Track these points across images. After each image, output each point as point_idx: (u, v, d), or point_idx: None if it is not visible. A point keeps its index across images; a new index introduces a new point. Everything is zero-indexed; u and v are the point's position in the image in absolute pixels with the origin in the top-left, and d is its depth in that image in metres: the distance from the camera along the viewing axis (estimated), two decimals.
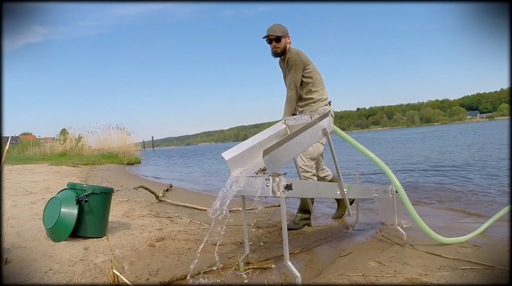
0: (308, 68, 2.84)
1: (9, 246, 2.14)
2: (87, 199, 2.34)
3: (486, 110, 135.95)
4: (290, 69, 2.81)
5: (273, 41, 2.82)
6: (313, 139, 1.95)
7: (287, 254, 1.65)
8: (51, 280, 1.73)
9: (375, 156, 2.27)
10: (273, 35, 2.81)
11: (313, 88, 2.87)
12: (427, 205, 3.74)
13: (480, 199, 3.80)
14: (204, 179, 8.23)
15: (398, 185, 2.26)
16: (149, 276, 1.83)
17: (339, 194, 2.08)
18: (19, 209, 3.45)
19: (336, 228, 2.84)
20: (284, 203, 1.68)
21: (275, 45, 2.83)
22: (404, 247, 2.20)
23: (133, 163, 15.56)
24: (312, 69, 2.87)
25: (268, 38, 2.84)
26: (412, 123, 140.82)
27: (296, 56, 2.79)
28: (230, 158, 1.92)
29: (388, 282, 1.65)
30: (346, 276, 1.74)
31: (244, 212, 2.01)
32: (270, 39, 2.83)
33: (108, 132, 18.85)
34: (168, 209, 3.91)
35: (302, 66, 2.81)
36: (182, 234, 2.63)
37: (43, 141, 20.41)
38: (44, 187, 5.33)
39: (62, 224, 2.27)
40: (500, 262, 1.80)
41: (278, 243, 2.40)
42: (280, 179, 1.62)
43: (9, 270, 1.80)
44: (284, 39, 2.84)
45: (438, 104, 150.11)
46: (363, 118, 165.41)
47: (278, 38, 2.81)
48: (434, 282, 1.61)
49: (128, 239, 2.41)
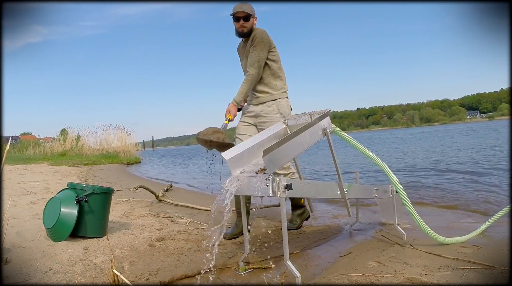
0: (274, 51, 2.63)
1: (9, 246, 2.14)
2: (87, 199, 2.34)
3: (486, 110, 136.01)
4: (255, 46, 2.55)
5: (241, 20, 2.56)
6: (313, 139, 1.95)
7: (287, 254, 1.65)
8: (51, 280, 1.73)
9: (375, 156, 2.27)
10: (242, 13, 2.55)
11: (276, 74, 2.65)
12: (427, 205, 3.74)
13: (480, 198, 3.80)
14: (204, 178, 8.23)
15: (398, 185, 2.26)
16: (149, 276, 1.83)
17: (339, 194, 2.08)
18: (19, 209, 3.45)
19: (336, 228, 2.84)
20: (284, 203, 1.68)
21: (242, 24, 2.57)
22: (404, 247, 2.20)
23: (133, 163, 15.56)
24: (277, 53, 2.65)
25: (235, 16, 2.57)
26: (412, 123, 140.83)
27: (264, 34, 2.57)
28: (230, 157, 1.92)
29: (388, 282, 1.65)
30: (346, 276, 1.74)
31: (244, 212, 2.01)
32: (238, 17, 2.56)
33: (108, 132, 18.86)
34: (168, 209, 3.91)
35: (269, 46, 2.58)
36: (182, 234, 2.63)
37: (43, 141, 20.41)
38: (44, 187, 5.33)
39: (62, 224, 2.28)
40: (500, 262, 1.80)
41: (278, 243, 2.40)
42: (280, 179, 1.62)
43: (9, 270, 1.80)
44: (252, 19, 2.60)
45: (438, 104, 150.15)
46: (363, 118, 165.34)
47: (248, 17, 2.56)
48: (434, 282, 1.61)
49: (128, 239, 2.42)
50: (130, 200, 4.45)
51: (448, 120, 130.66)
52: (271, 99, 2.65)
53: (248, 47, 2.64)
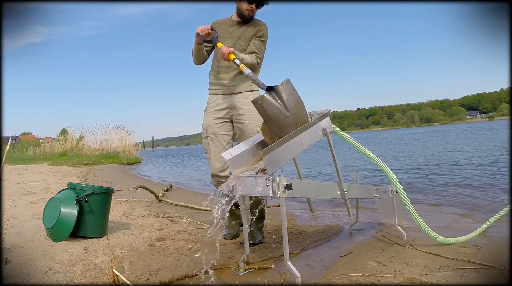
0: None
1: (9, 246, 2.14)
2: (87, 199, 2.34)
3: (486, 110, 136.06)
4: (263, 40, 2.43)
5: (255, 3, 2.37)
6: (313, 139, 1.95)
7: (287, 254, 1.65)
8: (51, 280, 1.73)
9: (375, 156, 2.27)
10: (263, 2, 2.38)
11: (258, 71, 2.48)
12: (427, 205, 3.74)
13: (480, 198, 3.80)
14: (204, 178, 8.23)
15: (398, 185, 2.26)
16: (149, 276, 1.83)
17: (339, 194, 2.08)
18: (19, 209, 3.45)
19: (336, 228, 2.84)
20: (284, 203, 1.68)
21: (253, 9, 2.39)
22: (404, 247, 2.20)
23: (133, 163, 15.56)
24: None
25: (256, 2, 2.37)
26: (412, 123, 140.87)
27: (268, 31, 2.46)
28: (230, 158, 1.92)
29: (388, 282, 1.65)
30: (346, 276, 1.74)
31: (244, 212, 2.01)
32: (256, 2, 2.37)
33: (108, 132, 18.88)
34: (168, 209, 3.91)
35: None
36: (182, 234, 2.63)
37: (43, 141, 20.41)
38: (44, 187, 5.33)
39: (62, 224, 2.28)
40: (500, 262, 1.80)
41: (278, 243, 2.40)
42: (280, 179, 1.63)
43: (9, 270, 1.80)
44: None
45: (438, 104, 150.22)
46: (363, 118, 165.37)
47: (261, 4, 2.40)
48: (434, 282, 1.61)
49: (128, 239, 2.41)
50: (130, 200, 4.45)
51: (448, 120, 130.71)
52: (247, 91, 2.44)
53: (249, 33, 2.44)
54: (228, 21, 2.51)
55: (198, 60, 2.51)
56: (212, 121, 2.45)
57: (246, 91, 2.44)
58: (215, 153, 2.42)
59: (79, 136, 17.71)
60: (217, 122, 2.45)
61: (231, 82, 2.43)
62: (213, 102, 2.48)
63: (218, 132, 2.44)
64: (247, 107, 2.38)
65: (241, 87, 2.43)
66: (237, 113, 2.43)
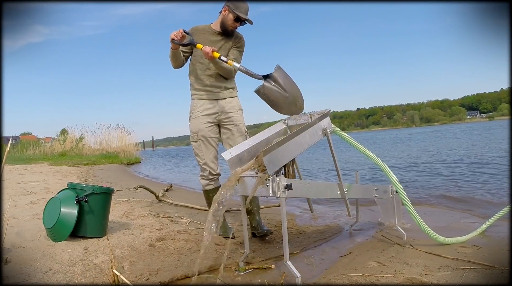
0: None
1: (9, 246, 2.14)
2: (87, 199, 2.34)
3: (486, 110, 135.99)
4: (241, 51, 2.62)
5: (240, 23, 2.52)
6: (313, 139, 1.95)
7: (287, 254, 1.65)
8: (51, 280, 1.73)
9: (375, 156, 2.27)
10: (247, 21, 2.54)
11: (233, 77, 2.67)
12: (427, 204, 3.74)
13: (480, 198, 3.80)
14: None
15: (398, 184, 2.26)
16: (149, 276, 1.83)
17: (339, 194, 2.08)
18: (19, 209, 3.45)
19: (336, 228, 2.84)
20: (284, 203, 1.68)
21: (237, 26, 2.54)
22: (404, 247, 2.20)
23: (133, 163, 15.55)
24: None
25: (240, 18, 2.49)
26: (412, 123, 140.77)
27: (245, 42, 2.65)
28: (230, 158, 1.92)
29: (388, 282, 1.65)
30: (346, 276, 1.74)
31: (244, 212, 2.01)
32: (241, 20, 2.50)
33: (108, 132, 18.85)
34: (168, 209, 3.91)
35: None
36: (182, 234, 2.63)
37: (43, 141, 20.41)
38: (44, 187, 5.33)
39: (62, 224, 2.27)
40: (500, 262, 1.80)
41: (278, 243, 2.40)
42: (280, 179, 1.63)
43: (9, 270, 1.80)
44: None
45: (438, 104, 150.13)
46: (363, 118, 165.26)
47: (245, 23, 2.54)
48: (434, 282, 1.61)
49: (128, 239, 2.41)
50: (130, 200, 4.45)
51: (448, 120, 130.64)
52: (231, 96, 2.63)
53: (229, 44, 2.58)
54: (209, 29, 2.61)
55: (176, 64, 2.61)
56: (202, 125, 2.57)
57: (229, 97, 2.62)
58: (208, 154, 2.57)
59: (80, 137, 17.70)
60: (207, 126, 2.57)
61: (216, 89, 2.58)
62: (201, 107, 2.59)
63: (209, 135, 2.57)
64: (234, 110, 2.60)
65: (225, 93, 2.61)
66: (226, 117, 2.58)
